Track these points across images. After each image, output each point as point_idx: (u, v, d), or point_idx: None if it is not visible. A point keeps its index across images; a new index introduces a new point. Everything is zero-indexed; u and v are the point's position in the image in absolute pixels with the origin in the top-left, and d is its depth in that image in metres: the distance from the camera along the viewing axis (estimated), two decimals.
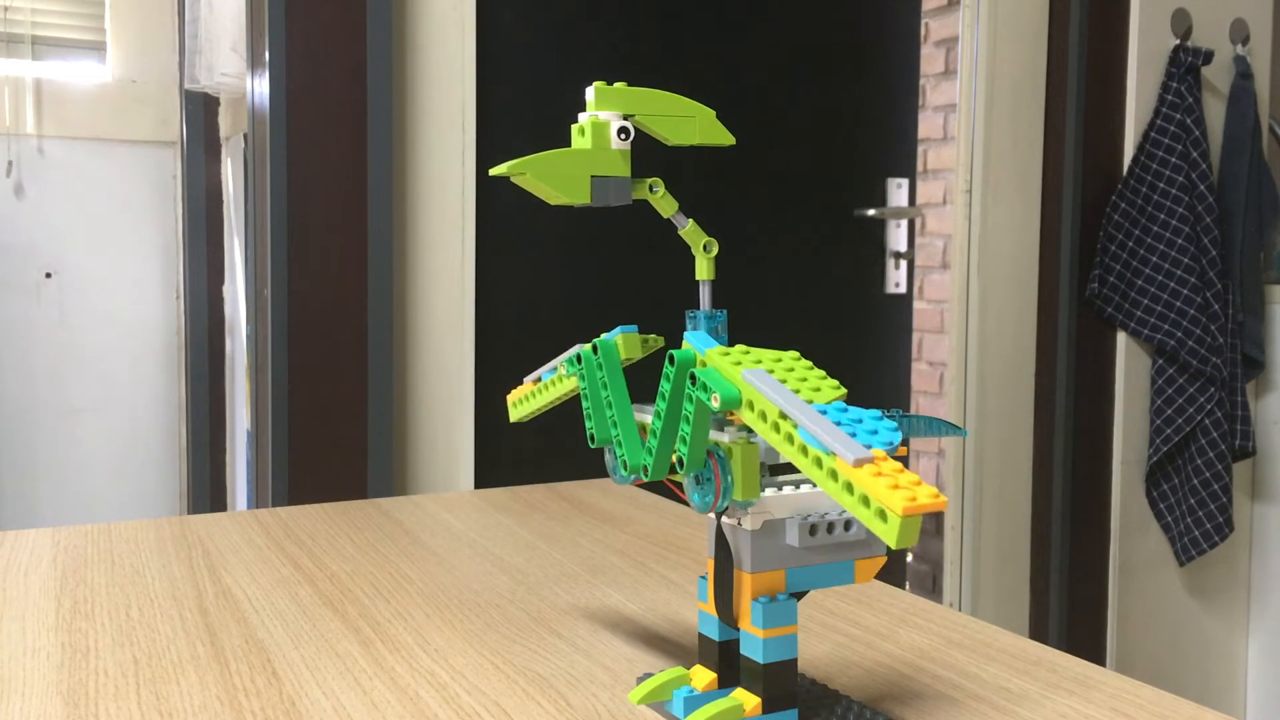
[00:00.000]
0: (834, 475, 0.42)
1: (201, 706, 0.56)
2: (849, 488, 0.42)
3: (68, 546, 0.87)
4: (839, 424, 0.43)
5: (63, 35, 2.44)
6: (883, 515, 0.40)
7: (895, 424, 0.44)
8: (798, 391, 0.46)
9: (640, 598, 0.75)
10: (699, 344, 0.51)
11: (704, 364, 0.50)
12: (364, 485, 1.60)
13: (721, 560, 0.53)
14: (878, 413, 0.44)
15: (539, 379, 0.63)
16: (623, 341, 0.57)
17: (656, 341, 0.59)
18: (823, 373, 0.48)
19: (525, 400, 0.64)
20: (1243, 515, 2.34)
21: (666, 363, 0.50)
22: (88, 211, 2.46)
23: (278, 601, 0.73)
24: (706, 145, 0.56)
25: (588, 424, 0.55)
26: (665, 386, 0.50)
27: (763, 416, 0.46)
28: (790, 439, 0.44)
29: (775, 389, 0.45)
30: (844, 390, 0.46)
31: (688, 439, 0.49)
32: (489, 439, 1.74)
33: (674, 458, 0.51)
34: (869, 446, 0.42)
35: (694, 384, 0.48)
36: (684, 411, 0.49)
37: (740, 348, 0.49)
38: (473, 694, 0.58)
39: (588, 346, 0.56)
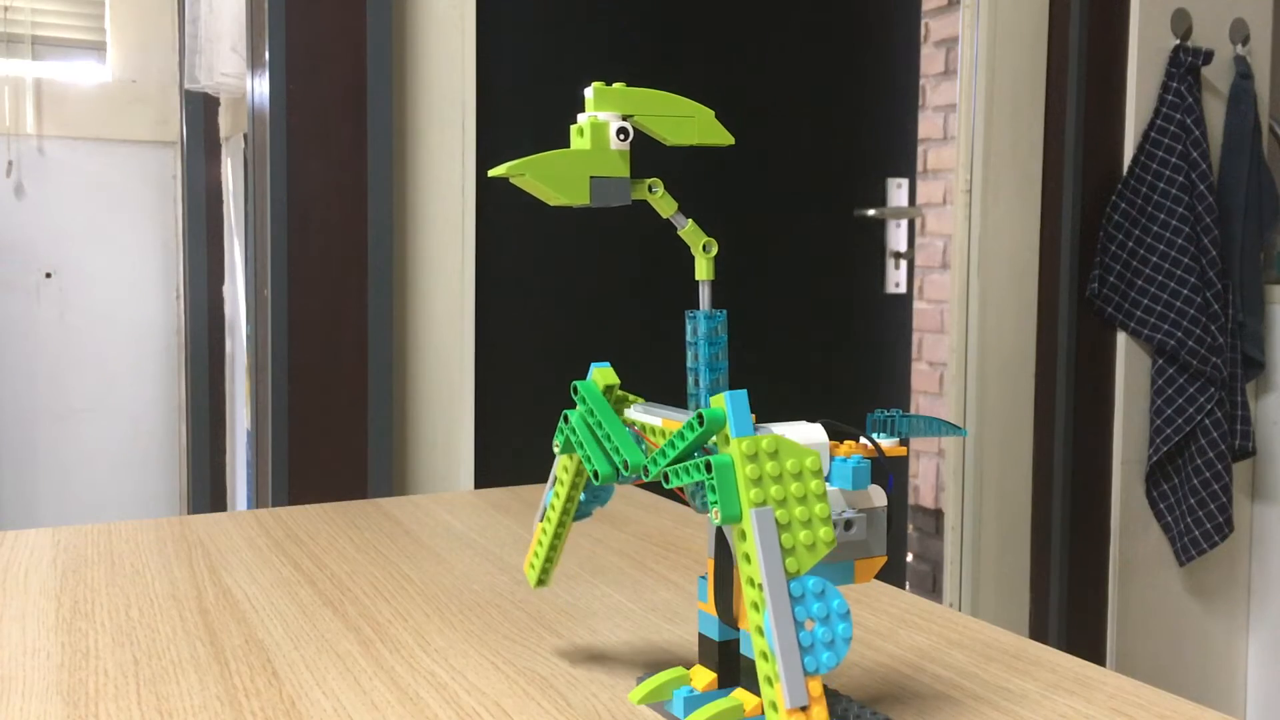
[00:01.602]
0: (769, 682, 0.46)
1: (201, 706, 0.56)
2: (774, 708, 0.45)
3: (68, 546, 0.87)
4: (806, 620, 0.46)
5: (63, 35, 2.44)
6: None
7: (849, 634, 0.47)
8: (791, 549, 0.46)
9: (640, 598, 0.75)
10: (734, 417, 0.48)
11: (725, 444, 0.48)
12: (364, 485, 1.60)
13: (721, 560, 0.53)
14: (845, 607, 0.47)
15: (543, 510, 0.62)
16: (599, 375, 0.57)
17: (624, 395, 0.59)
18: (828, 513, 0.47)
19: (536, 556, 0.62)
20: (1243, 515, 2.34)
21: (695, 419, 0.49)
22: (88, 211, 2.46)
23: (278, 601, 0.73)
24: (706, 145, 0.56)
25: (589, 467, 0.54)
26: (687, 434, 0.49)
27: (747, 559, 0.47)
28: (756, 607, 0.46)
29: (768, 548, 0.46)
30: (834, 542, 0.47)
31: (683, 478, 0.50)
32: (489, 439, 1.74)
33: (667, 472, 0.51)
34: (815, 670, 0.46)
35: (707, 472, 0.47)
36: (692, 472, 0.49)
37: (767, 446, 0.47)
38: (473, 694, 0.58)
39: (571, 409, 0.57)
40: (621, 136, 0.53)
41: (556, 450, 0.59)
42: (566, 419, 0.57)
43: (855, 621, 0.71)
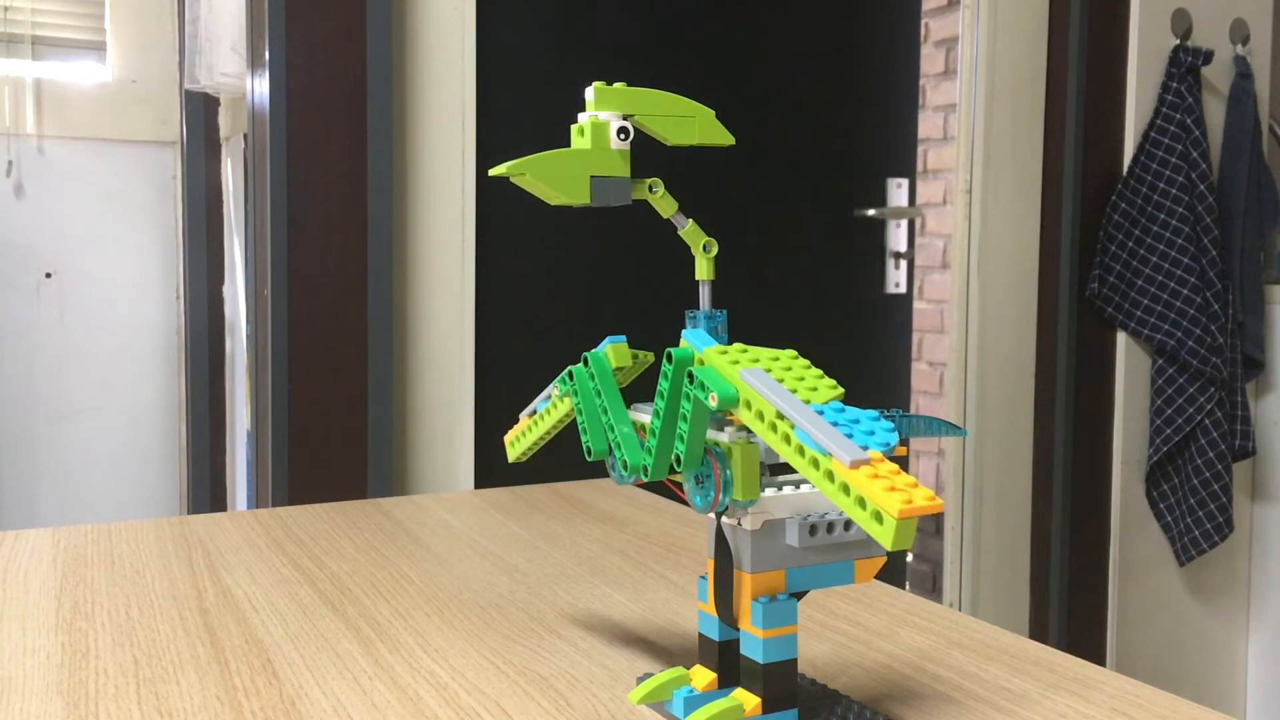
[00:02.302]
0: (830, 476, 0.42)
1: (201, 706, 0.56)
2: (845, 489, 0.42)
3: (68, 546, 0.87)
4: (836, 424, 0.43)
5: (63, 35, 2.44)
6: (879, 517, 0.40)
7: (892, 424, 0.44)
8: (795, 391, 0.46)
9: (640, 598, 0.75)
10: (697, 342, 0.50)
11: (701, 362, 0.49)
12: (364, 485, 1.60)
13: (721, 560, 0.53)
14: (875, 413, 0.44)
15: (534, 411, 0.63)
16: (612, 351, 0.57)
17: (646, 358, 0.59)
18: (820, 372, 0.47)
19: (521, 437, 0.64)
20: (1243, 515, 2.34)
21: (665, 361, 0.50)
22: (88, 211, 2.46)
23: (278, 601, 0.73)
24: (706, 145, 0.56)
25: (584, 439, 0.55)
26: (663, 385, 0.50)
27: (760, 416, 0.46)
28: (787, 439, 0.44)
29: (772, 388, 0.45)
30: (841, 390, 0.46)
31: (685, 437, 0.49)
32: (489, 439, 1.74)
33: (673, 456, 0.51)
34: (865, 448, 0.42)
35: (691, 382, 0.48)
36: (682, 410, 0.49)
37: (738, 346, 0.49)
38: (473, 694, 0.58)
39: (578, 364, 0.57)
40: (622, 136, 0.53)
41: (556, 393, 0.59)
42: (571, 376, 0.57)
43: (855, 622, 0.71)
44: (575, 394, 0.56)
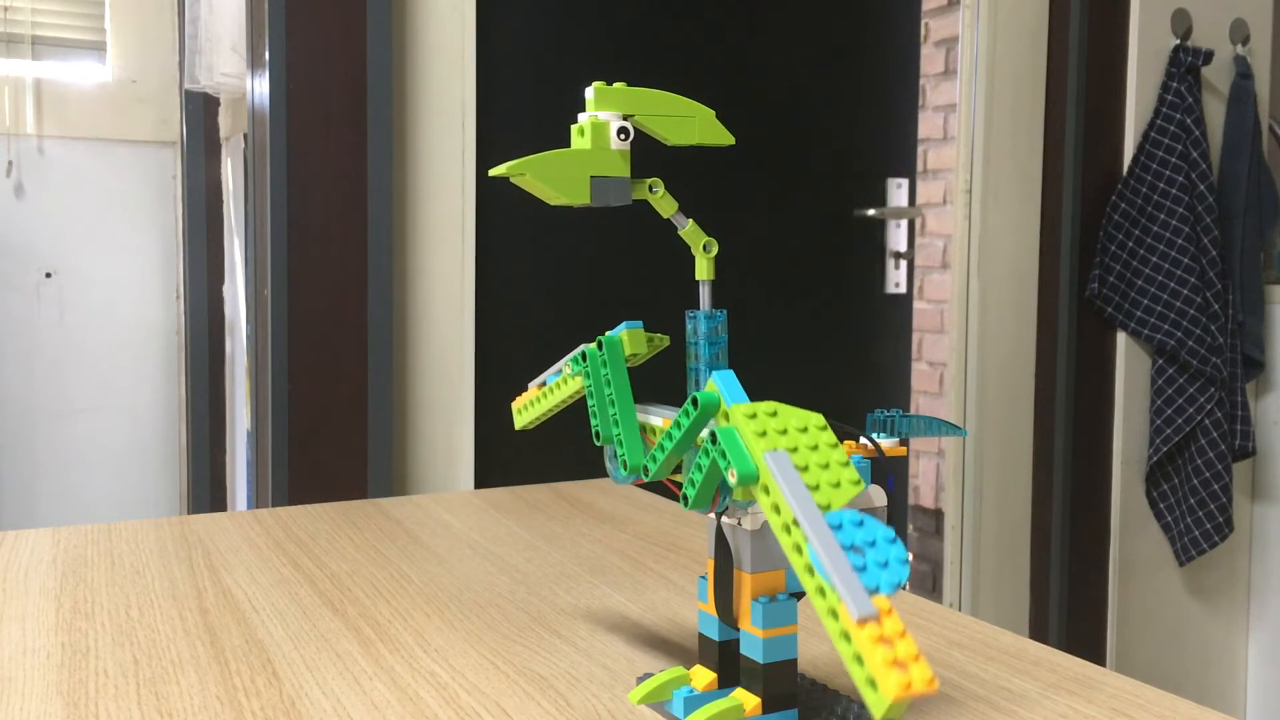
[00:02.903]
0: (834, 614, 0.41)
1: (201, 706, 0.56)
2: (846, 637, 0.40)
3: (68, 546, 0.87)
4: (851, 546, 0.42)
5: (63, 35, 2.44)
6: (873, 684, 0.38)
7: (905, 554, 0.41)
8: (817, 487, 0.44)
9: (640, 598, 0.75)
10: (726, 391, 0.47)
11: (726, 418, 0.47)
12: (364, 485, 1.60)
13: (721, 560, 0.53)
14: (891, 532, 0.42)
15: (544, 383, 0.62)
16: (628, 338, 0.57)
17: (662, 341, 0.58)
18: (844, 455, 0.45)
19: (530, 406, 0.63)
20: (1243, 515, 2.34)
21: (690, 404, 0.48)
22: (88, 211, 2.46)
23: (278, 601, 0.73)
24: (706, 145, 0.56)
25: (593, 421, 0.54)
26: (683, 421, 0.48)
27: (775, 509, 0.44)
28: (799, 550, 0.42)
29: (793, 485, 0.43)
30: (862, 485, 0.44)
31: (696, 484, 0.48)
32: (489, 439, 1.74)
33: (682, 493, 0.50)
34: (875, 589, 0.40)
35: (713, 444, 0.46)
36: (698, 461, 0.47)
37: (767, 408, 0.46)
38: (473, 694, 0.58)
39: (593, 345, 0.56)
40: (622, 136, 0.53)
41: (569, 371, 0.58)
42: (584, 357, 0.56)
43: None
44: (587, 375, 0.56)
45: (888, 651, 0.38)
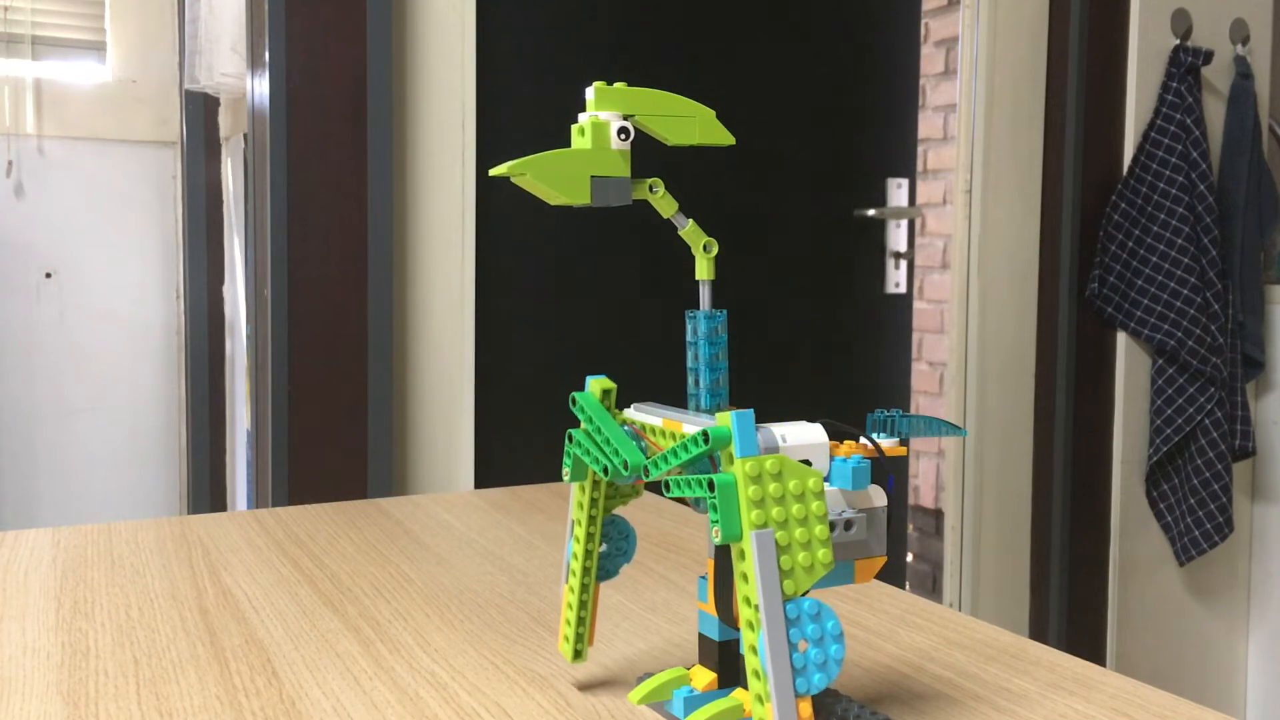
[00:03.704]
0: (760, 701, 0.46)
1: (201, 706, 0.56)
2: None
3: (68, 546, 0.87)
4: (800, 641, 0.46)
5: (63, 35, 2.44)
6: None
7: (841, 654, 0.47)
8: (790, 571, 0.46)
9: (640, 598, 0.75)
10: (740, 437, 0.47)
11: (729, 464, 0.47)
12: (364, 485, 1.60)
13: (721, 560, 0.53)
14: (838, 629, 0.47)
15: (566, 566, 0.59)
16: (595, 385, 0.57)
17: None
18: (827, 534, 0.47)
19: (567, 625, 0.59)
20: (1243, 515, 2.34)
21: (700, 435, 0.48)
22: (88, 211, 2.46)
23: (278, 601, 0.73)
24: (706, 145, 0.56)
25: (595, 468, 0.54)
26: (691, 448, 0.49)
27: (744, 578, 0.47)
28: (751, 626, 0.46)
29: (766, 570, 0.46)
30: (832, 564, 0.47)
31: (683, 488, 0.49)
32: (489, 439, 1.74)
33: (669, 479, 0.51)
34: (806, 691, 0.46)
35: (710, 491, 0.47)
36: (690, 480, 0.48)
37: (771, 467, 0.47)
38: (473, 694, 0.58)
39: (574, 429, 0.56)
40: (622, 136, 0.53)
41: (567, 478, 0.58)
42: (571, 438, 0.56)
43: (855, 622, 0.71)
44: (580, 448, 0.55)
45: None
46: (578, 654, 0.59)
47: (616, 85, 0.54)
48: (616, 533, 0.60)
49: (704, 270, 0.55)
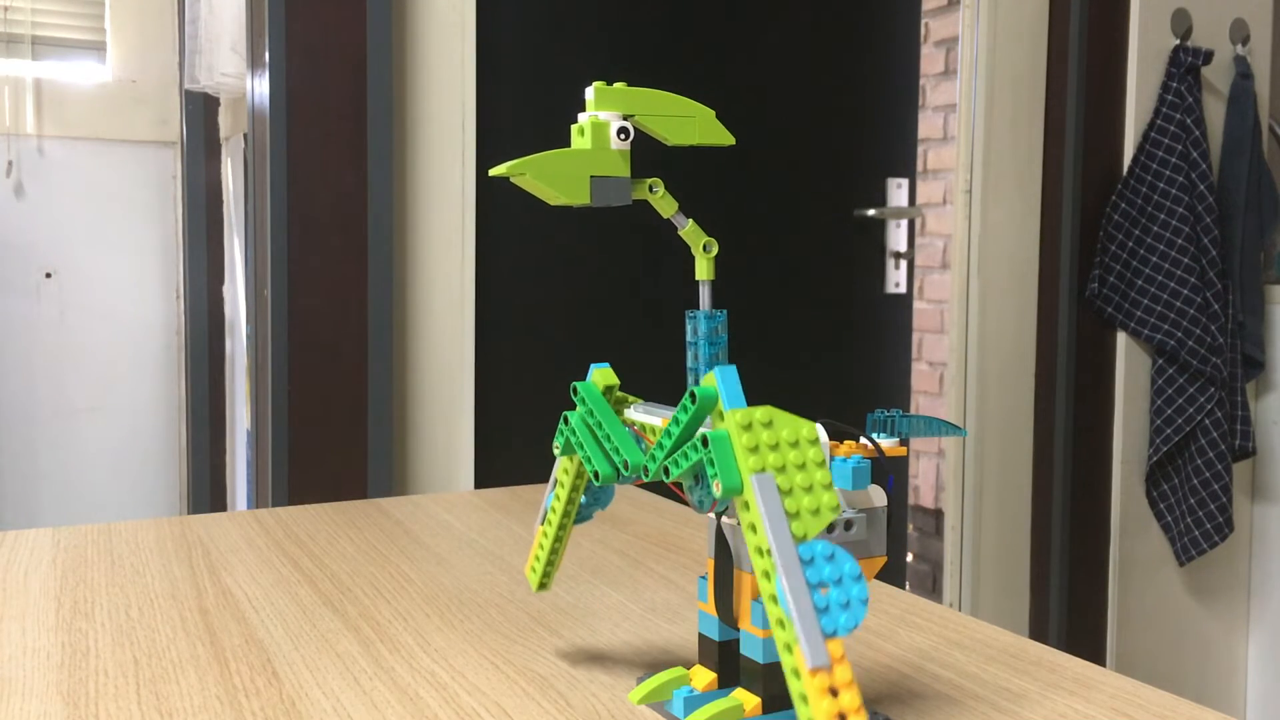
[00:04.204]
0: (789, 649, 0.43)
1: (201, 706, 0.56)
2: (796, 674, 0.42)
3: (68, 546, 0.87)
4: (819, 583, 0.44)
5: (63, 35, 2.44)
6: None
7: (866, 593, 0.44)
8: (796, 514, 0.45)
9: (640, 598, 0.75)
10: (725, 390, 0.48)
11: (721, 420, 0.47)
12: (364, 485, 1.60)
13: (721, 560, 0.53)
14: (858, 569, 0.44)
15: (543, 512, 0.62)
16: (599, 375, 0.57)
17: (625, 398, 0.58)
18: (828, 478, 0.46)
19: (537, 560, 0.62)
20: (1243, 515, 2.34)
21: (688, 397, 0.48)
22: (88, 211, 2.46)
23: (278, 601, 0.73)
24: (706, 145, 0.56)
25: (589, 467, 0.54)
26: (681, 417, 0.49)
27: (752, 529, 0.45)
28: (767, 576, 0.44)
29: (772, 513, 0.45)
30: (839, 510, 0.46)
31: (682, 466, 0.49)
32: (489, 439, 1.74)
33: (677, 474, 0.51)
34: (834, 632, 0.43)
35: (704, 446, 0.46)
36: (686, 450, 0.48)
37: (761, 417, 0.46)
38: (473, 694, 0.58)
39: (570, 411, 0.56)
40: (622, 136, 0.53)
41: (557, 452, 0.58)
42: (566, 420, 0.56)
43: None
44: (574, 435, 0.55)
45: (833, 704, 0.41)
46: (543, 585, 0.63)
47: (616, 85, 0.54)
48: (598, 488, 0.60)
49: (704, 270, 0.55)
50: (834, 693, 0.41)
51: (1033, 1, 2.14)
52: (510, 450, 1.78)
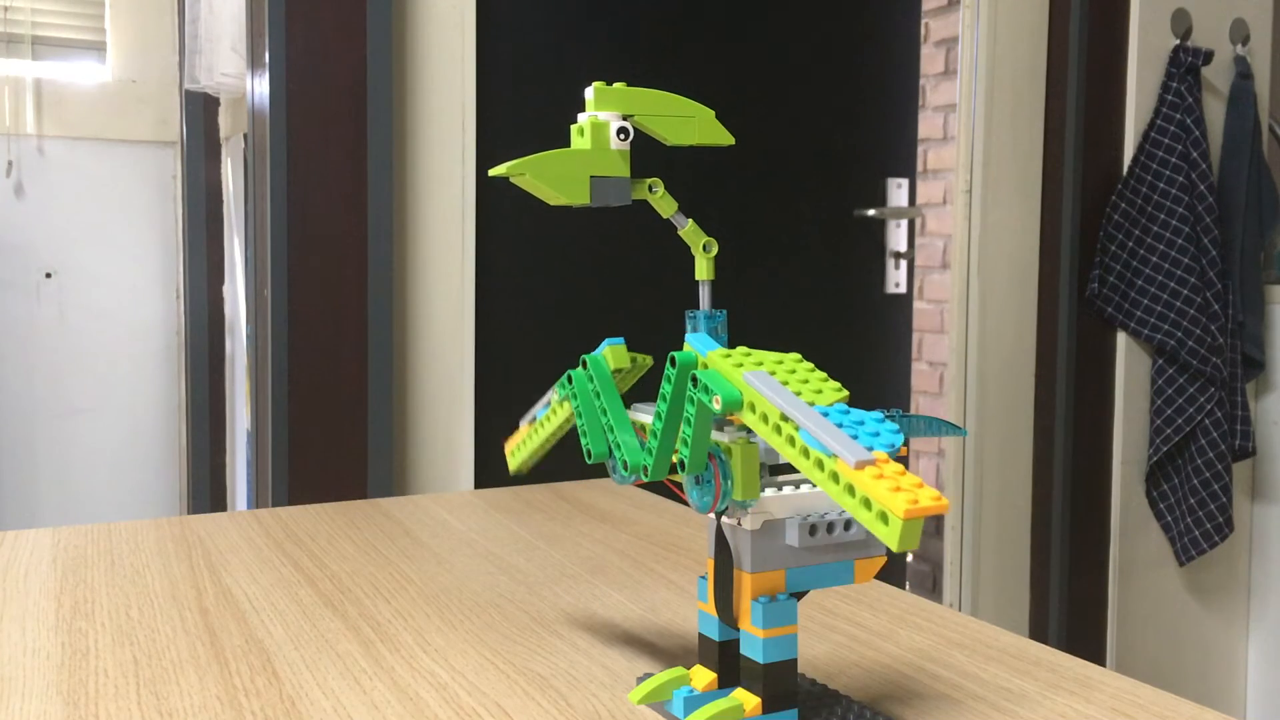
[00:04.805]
0: (835, 478, 0.42)
1: (201, 706, 0.56)
2: (850, 490, 0.41)
3: (68, 546, 0.87)
4: (840, 426, 0.43)
5: (63, 35, 2.44)
6: (884, 518, 0.40)
7: (897, 426, 0.43)
8: (799, 394, 0.45)
9: (640, 598, 0.75)
10: (700, 346, 0.50)
11: (705, 366, 0.49)
12: (364, 485, 1.60)
13: (721, 560, 0.53)
14: (879, 414, 0.44)
15: (534, 418, 0.63)
16: (611, 353, 0.57)
17: (645, 361, 0.59)
18: (824, 375, 0.47)
19: (522, 445, 0.64)
20: (1243, 515, 2.34)
21: (668, 364, 0.50)
22: (88, 211, 2.46)
23: (278, 601, 0.73)
24: (706, 145, 0.56)
25: (583, 441, 0.55)
26: (666, 388, 0.50)
27: (764, 419, 0.45)
28: (792, 441, 0.44)
29: (777, 391, 0.45)
30: (845, 393, 0.46)
31: (689, 441, 0.49)
32: (489, 439, 1.74)
33: (675, 459, 0.51)
34: (870, 449, 0.42)
35: (695, 385, 0.48)
36: (685, 414, 0.49)
37: (741, 350, 0.49)
38: (473, 694, 0.58)
39: (577, 369, 0.57)
40: (622, 136, 0.53)
41: (556, 397, 0.59)
42: (570, 380, 0.57)
43: (855, 622, 0.71)
44: (574, 398, 0.56)
45: (891, 483, 0.40)
46: (520, 469, 0.64)
47: (616, 85, 0.54)
48: None
49: (704, 270, 0.55)
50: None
51: (1033, 1, 2.14)
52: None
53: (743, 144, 0.75)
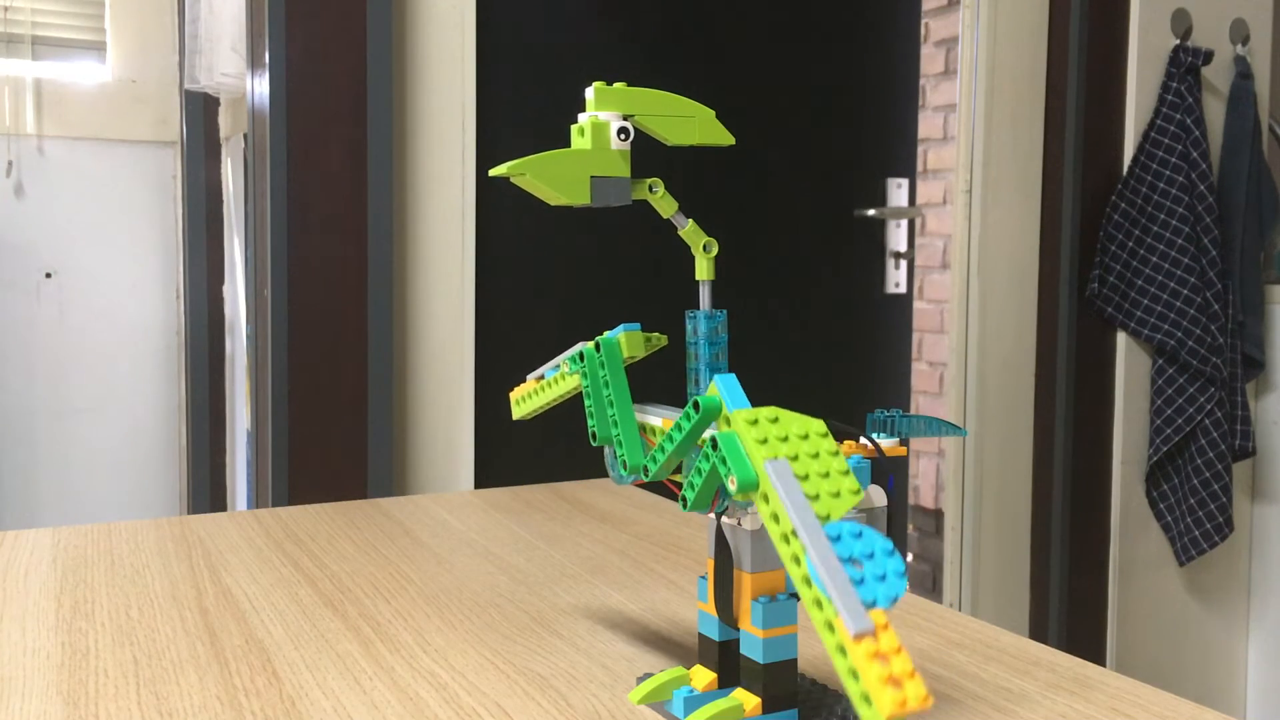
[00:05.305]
0: (830, 628, 0.41)
1: (201, 706, 0.56)
2: (842, 650, 0.40)
3: (68, 546, 0.87)
4: (850, 559, 0.42)
5: (63, 35, 2.44)
6: (867, 700, 0.39)
7: (902, 570, 0.42)
8: (816, 497, 0.44)
9: (640, 598, 0.75)
10: (728, 395, 0.47)
11: (728, 424, 0.47)
12: (364, 485, 1.60)
13: (721, 560, 0.53)
14: (890, 545, 0.42)
15: (542, 376, 0.62)
16: (625, 340, 0.57)
17: (659, 340, 0.59)
18: (845, 465, 0.45)
19: (528, 398, 0.64)
20: (1243, 515, 2.34)
21: (691, 407, 0.48)
22: (88, 211, 2.46)
23: (278, 601, 0.73)
24: (706, 145, 0.56)
25: (590, 422, 0.55)
26: (684, 424, 0.48)
27: (775, 519, 0.44)
28: (797, 560, 0.43)
29: (792, 495, 0.43)
30: (861, 494, 0.44)
31: (696, 487, 0.48)
32: (489, 439, 1.74)
33: (682, 494, 0.50)
34: (872, 602, 0.41)
35: (714, 449, 0.46)
36: (698, 464, 0.48)
37: (769, 414, 0.46)
38: (473, 694, 0.58)
39: (590, 344, 0.56)
40: (622, 136, 0.53)
41: (567, 368, 0.59)
42: (582, 357, 0.56)
43: None
44: (584, 376, 0.56)
45: (883, 668, 0.38)
46: (522, 417, 0.64)
47: (616, 85, 0.54)
48: None
49: (704, 270, 0.55)
50: (883, 661, 0.39)
51: (1033, 1, 2.14)
52: (510, 450, 1.78)
53: (743, 144, 0.76)
